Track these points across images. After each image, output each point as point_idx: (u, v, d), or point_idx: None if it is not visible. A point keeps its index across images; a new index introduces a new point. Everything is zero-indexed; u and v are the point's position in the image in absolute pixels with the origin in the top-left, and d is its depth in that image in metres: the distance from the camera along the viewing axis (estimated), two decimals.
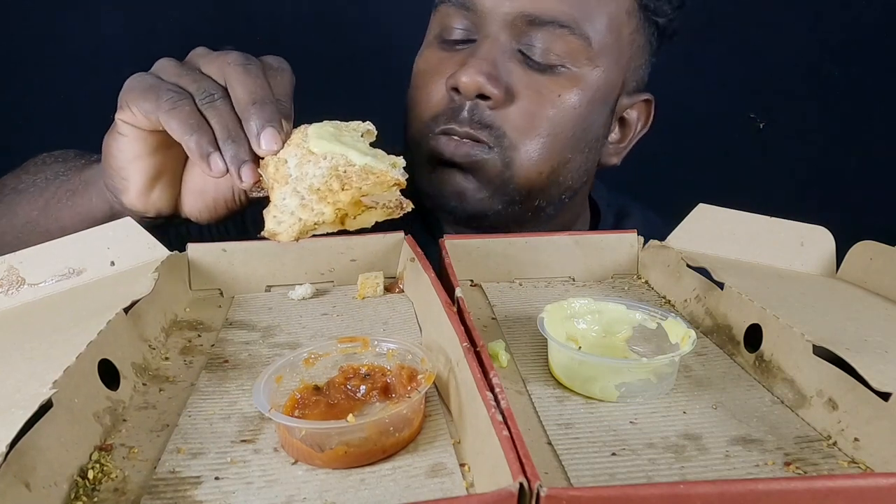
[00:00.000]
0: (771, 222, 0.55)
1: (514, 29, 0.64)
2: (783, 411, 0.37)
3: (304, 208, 0.43)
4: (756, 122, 1.23)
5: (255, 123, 0.47)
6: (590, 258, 0.56)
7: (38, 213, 0.59)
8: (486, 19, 0.64)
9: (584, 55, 0.64)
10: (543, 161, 0.66)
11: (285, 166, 0.45)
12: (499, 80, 0.63)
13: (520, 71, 0.64)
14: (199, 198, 0.55)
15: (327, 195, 0.43)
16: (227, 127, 0.47)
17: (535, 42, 0.64)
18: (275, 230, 0.44)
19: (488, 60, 0.63)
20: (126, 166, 0.52)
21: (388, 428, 0.32)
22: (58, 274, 0.48)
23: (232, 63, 0.49)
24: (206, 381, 0.40)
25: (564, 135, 0.66)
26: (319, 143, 0.45)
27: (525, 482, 0.25)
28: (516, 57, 0.64)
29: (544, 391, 0.39)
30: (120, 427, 0.35)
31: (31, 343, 0.37)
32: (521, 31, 0.64)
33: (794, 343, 0.37)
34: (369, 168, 0.43)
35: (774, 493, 0.25)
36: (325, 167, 0.44)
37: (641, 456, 0.32)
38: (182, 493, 0.30)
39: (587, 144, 0.68)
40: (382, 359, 0.38)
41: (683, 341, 0.40)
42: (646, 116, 0.75)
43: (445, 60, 0.67)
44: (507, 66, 0.64)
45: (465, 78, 0.62)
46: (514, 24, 0.63)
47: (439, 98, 0.66)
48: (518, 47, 0.64)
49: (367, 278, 0.52)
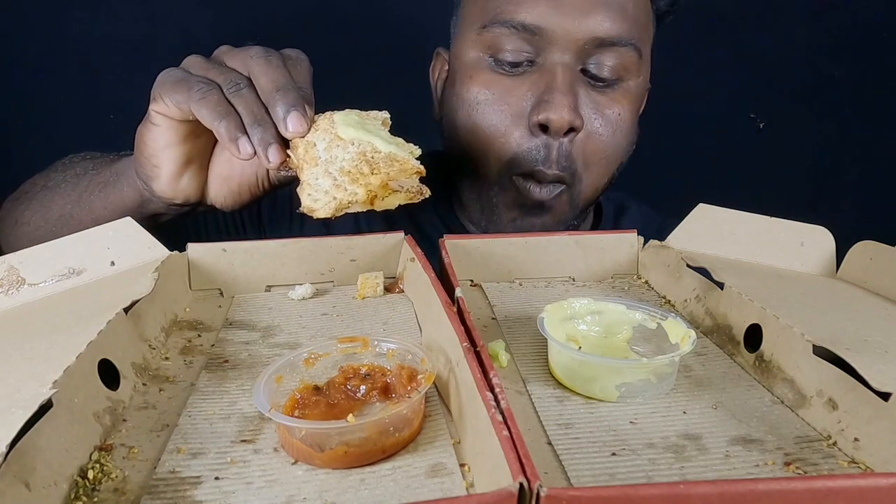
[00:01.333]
0: (771, 222, 0.55)
1: (582, 52, 0.64)
2: (783, 411, 0.37)
3: (337, 188, 0.47)
4: (756, 122, 1.23)
5: (281, 108, 0.49)
6: (590, 258, 0.56)
7: (72, 207, 0.62)
8: (554, 44, 0.64)
9: (635, 67, 0.67)
10: (602, 179, 0.69)
11: (314, 149, 0.48)
12: (578, 109, 0.64)
13: (584, 93, 0.65)
14: (224, 184, 0.58)
15: (358, 177, 0.46)
16: (253, 112, 0.50)
17: (600, 62, 0.65)
18: (312, 206, 0.47)
19: (571, 91, 0.63)
20: (158, 154, 0.55)
21: (388, 428, 0.32)
22: (58, 274, 0.48)
23: (254, 56, 0.52)
24: (206, 381, 0.40)
25: (623, 148, 0.69)
26: (347, 129, 0.48)
27: (525, 482, 0.25)
28: (580, 77, 0.65)
29: (544, 391, 0.39)
30: (120, 427, 0.35)
31: (31, 343, 0.37)
32: (588, 52, 0.65)
33: (794, 343, 0.37)
34: (394, 155, 0.47)
35: (774, 494, 0.25)
36: (354, 152, 0.47)
37: (641, 456, 0.32)
38: (182, 493, 0.30)
39: (631, 147, 0.72)
40: (382, 359, 0.38)
41: (683, 341, 0.40)
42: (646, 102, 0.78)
43: (510, 87, 0.66)
44: (577, 92, 0.65)
45: (556, 116, 0.62)
46: (584, 47, 0.64)
47: (521, 136, 0.66)
48: (581, 66, 0.65)
49: (367, 278, 0.52)
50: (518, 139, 0.66)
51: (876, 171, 1.24)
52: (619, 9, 0.64)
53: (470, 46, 0.68)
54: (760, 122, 1.23)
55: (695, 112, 1.19)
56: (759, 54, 1.19)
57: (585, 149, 0.66)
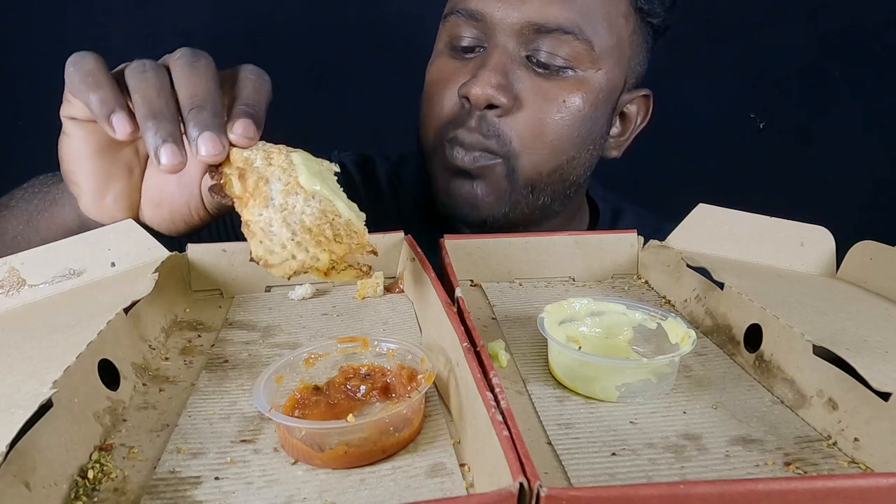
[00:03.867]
0: (771, 222, 0.55)
1: (522, 37, 0.66)
2: (783, 411, 0.37)
3: (298, 246, 0.40)
4: (756, 122, 1.23)
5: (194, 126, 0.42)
6: (590, 258, 0.56)
7: (23, 227, 0.58)
8: (495, 29, 0.66)
9: (587, 59, 0.67)
10: (546, 163, 0.68)
11: (267, 186, 0.42)
12: (508, 89, 0.65)
13: (527, 77, 0.66)
14: (156, 210, 0.52)
15: (322, 241, 0.41)
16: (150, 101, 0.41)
17: (541, 48, 0.66)
18: (267, 259, 0.41)
19: (498, 70, 0.65)
20: (75, 170, 0.49)
21: (388, 428, 0.32)
22: (58, 275, 0.48)
23: (179, 58, 0.44)
24: (206, 381, 0.40)
25: (569, 136, 0.68)
26: (310, 179, 0.42)
27: (525, 482, 0.25)
28: (524, 63, 0.67)
29: (544, 391, 0.39)
30: (120, 427, 0.35)
31: (31, 343, 0.37)
32: (528, 38, 0.66)
33: (794, 343, 0.37)
34: (352, 225, 0.42)
35: (774, 494, 0.25)
36: (316, 208, 0.41)
37: (641, 456, 0.32)
38: (182, 493, 0.30)
39: (591, 142, 0.71)
40: (382, 359, 0.38)
41: (683, 341, 0.40)
42: (645, 110, 0.78)
43: (457, 69, 0.69)
44: (516, 73, 0.66)
45: (477, 89, 0.64)
46: (522, 32, 0.65)
47: (451, 106, 0.68)
48: (525, 53, 0.66)
49: (367, 279, 0.52)
50: (448, 111, 0.68)
51: (876, 171, 1.24)
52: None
53: (439, 38, 0.73)
54: (760, 122, 1.23)
55: (695, 112, 1.19)
56: (759, 54, 1.19)
57: (523, 129, 0.66)
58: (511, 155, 0.67)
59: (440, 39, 0.73)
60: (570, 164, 0.70)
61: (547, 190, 0.70)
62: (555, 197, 0.72)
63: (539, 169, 0.68)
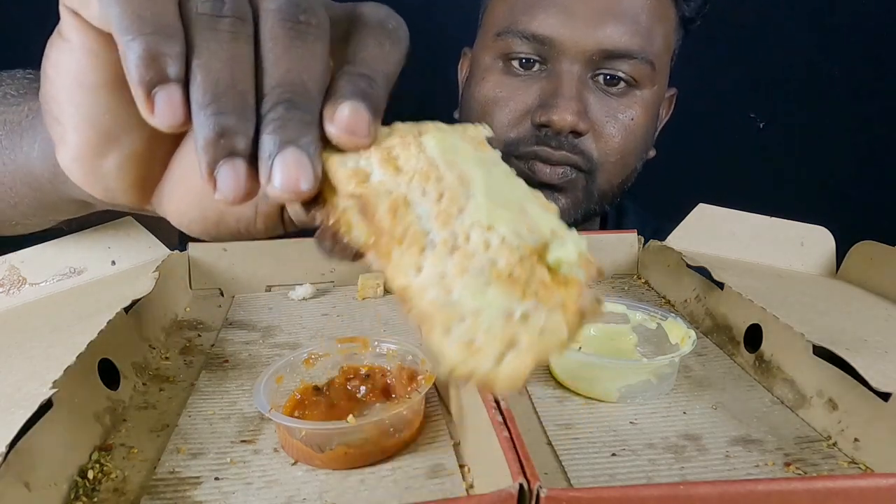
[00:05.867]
0: (771, 222, 0.55)
1: (590, 62, 0.66)
2: (783, 411, 0.37)
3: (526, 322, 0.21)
4: (756, 122, 1.23)
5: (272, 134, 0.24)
6: None
7: None
8: (563, 52, 0.66)
9: (648, 78, 0.69)
10: (618, 175, 0.72)
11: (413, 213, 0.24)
12: (585, 115, 0.67)
13: (595, 100, 0.68)
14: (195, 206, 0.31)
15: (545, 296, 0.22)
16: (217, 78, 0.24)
17: (608, 72, 0.67)
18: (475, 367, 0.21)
19: (576, 98, 0.66)
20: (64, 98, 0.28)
21: (387, 429, 0.32)
22: (59, 273, 0.48)
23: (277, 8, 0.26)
24: (206, 381, 0.40)
25: (635, 150, 0.71)
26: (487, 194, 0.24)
27: (525, 483, 0.25)
28: (589, 85, 0.68)
29: (544, 391, 0.39)
30: (120, 427, 0.35)
31: (32, 342, 0.37)
32: (596, 63, 0.67)
33: (794, 343, 0.37)
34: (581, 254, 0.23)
35: (774, 494, 0.25)
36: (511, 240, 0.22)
37: (641, 456, 0.32)
38: (182, 493, 0.30)
39: (646, 150, 0.75)
40: (382, 359, 0.38)
41: (683, 341, 0.40)
42: (668, 106, 0.80)
43: (519, 88, 0.69)
44: (586, 97, 0.67)
45: (558, 117, 0.65)
46: (591, 58, 0.66)
47: (521, 127, 0.68)
48: (591, 75, 0.67)
49: (367, 279, 0.52)
50: (518, 130, 0.69)
51: (876, 171, 1.24)
52: (630, 21, 0.66)
53: (486, 51, 0.72)
54: (760, 122, 1.23)
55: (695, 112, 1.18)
56: (759, 54, 1.19)
57: (599, 148, 0.69)
58: (592, 170, 0.69)
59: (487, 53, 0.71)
60: (632, 174, 0.74)
61: (610, 198, 0.73)
62: (613, 203, 0.75)
63: (612, 181, 0.71)
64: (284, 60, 0.25)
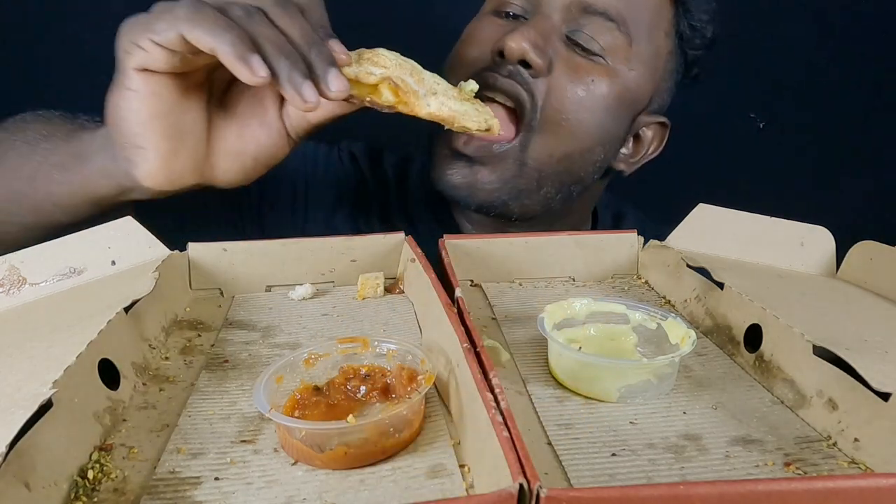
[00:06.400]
0: (771, 222, 0.55)
1: (568, 13, 0.66)
2: (783, 411, 0.37)
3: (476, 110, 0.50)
4: (756, 122, 1.23)
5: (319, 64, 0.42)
6: (590, 258, 0.56)
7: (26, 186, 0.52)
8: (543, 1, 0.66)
9: (623, 53, 0.67)
10: (559, 145, 0.67)
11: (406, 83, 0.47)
12: (543, 51, 0.64)
13: (563, 50, 0.66)
14: (236, 160, 0.50)
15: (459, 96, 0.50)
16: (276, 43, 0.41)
17: (583, 29, 0.66)
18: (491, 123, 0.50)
19: (538, 31, 0.65)
20: (141, 131, 0.45)
21: (387, 429, 0.32)
22: (59, 273, 0.48)
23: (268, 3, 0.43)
24: (206, 381, 0.40)
25: (588, 122, 0.67)
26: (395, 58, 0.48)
27: (525, 483, 0.25)
28: (563, 39, 0.67)
29: (544, 391, 0.39)
30: (120, 427, 0.35)
31: (32, 343, 0.37)
32: (573, 16, 0.66)
33: (794, 343, 0.37)
34: None
35: (774, 494, 0.25)
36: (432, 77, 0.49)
37: (641, 456, 0.32)
38: (182, 493, 0.30)
39: (605, 142, 0.69)
40: (382, 359, 0.38)
41: (683, 341, 0.40)
42: (659, 139, 0.77)
43: (496, 29, 0.68)
44: (554, 44, 0.66)
45: (513, 42, 0.63)
46: (569, 8, 0.66)
47: (481, 57, 0.67)
48: (566, 32, 0.66)
49: (367, 279, 0.52)
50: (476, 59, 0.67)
51: (876, 171, 1.24)
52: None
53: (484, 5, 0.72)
54: (760, 122, 1.23)
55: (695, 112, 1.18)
56: (759, 54, 1.19)
57: (548, 98, 0.65)
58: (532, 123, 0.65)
59: (487, 3, 0.72)
60: (581, 155, 0.68)
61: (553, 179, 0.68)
62: (559, 190, 0.70)
63: (551, 151, 0.66)
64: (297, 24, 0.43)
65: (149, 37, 0.42)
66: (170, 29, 0.41)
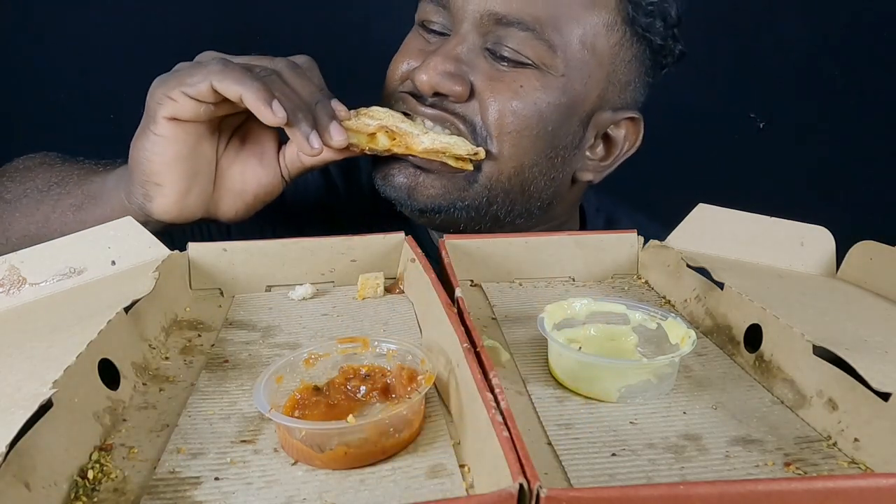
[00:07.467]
0: (771, 222, 0.55)
1: (483, 27, 0.63)
2: (783, 411, 0.37)
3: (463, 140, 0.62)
4: (756, 122, 1.23)
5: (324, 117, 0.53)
6: (590, 258, 0.56)
7: (39, 228, 0.59)
8: (458, 17, 0.64)
9: (548, 61, 0.63)
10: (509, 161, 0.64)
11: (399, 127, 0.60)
12: (458, 77, 0.62)
13: (484, 65, 0.64)
14: (238, 198, 0.59)
15: None
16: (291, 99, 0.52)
17: (503, 41, 0.63)
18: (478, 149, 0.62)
19: (449, 58, 0.62)
20: (162, 171, 0.53)
21: (387, 429, 0.32)
22: (59, 273, 0.48)
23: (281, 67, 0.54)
24: (206, 381, 0.40)
25: (529, 131, 0.64)
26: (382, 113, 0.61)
27: (525, 483, 0.25)
28: (483, 54, 0.64)
29: (544, 391, 0.39)
30: (120, 427, 0.35)
31: (32, 343, 0.37)
32: (489, 29, 0.63)
33: (794, 343, 0.37)
34: None
35: (774, 494, 0.25)
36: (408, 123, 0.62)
37: (641, 456, 0.32)
38: (182, 493, 0.30)
39: (554, 152, 0.66)
40: (382, 359, 0.38)
41: (683, 342, 0.40)
42: (634, 136, 0.72)
43: (420, 49, 0.66)
44: (474, 63, 0.63)
45: (423, 76, 0.61)
46: (483, 22, 0.63)
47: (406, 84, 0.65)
48: (486, 46, 0.64)
49: (367, 279, 0.52)
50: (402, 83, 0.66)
51: (876, 171, 1.24)
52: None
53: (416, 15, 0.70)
54: (760, 122, 1.23)
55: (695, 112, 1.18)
56: (759, 54, 1.19)
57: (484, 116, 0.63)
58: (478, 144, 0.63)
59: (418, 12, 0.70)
60: (530, 169, 0.65)
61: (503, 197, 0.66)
62: (511, 209, 0.67)
63: (501, 168, 0.64)
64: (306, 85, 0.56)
65: (182, 90, 0.51)
66: (203, 81, 0.50)
